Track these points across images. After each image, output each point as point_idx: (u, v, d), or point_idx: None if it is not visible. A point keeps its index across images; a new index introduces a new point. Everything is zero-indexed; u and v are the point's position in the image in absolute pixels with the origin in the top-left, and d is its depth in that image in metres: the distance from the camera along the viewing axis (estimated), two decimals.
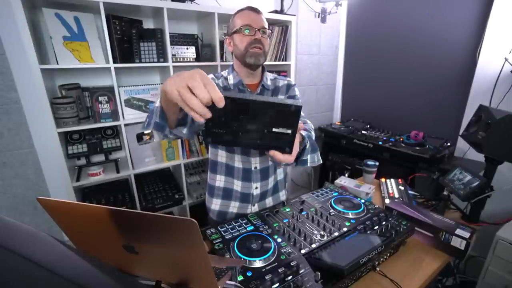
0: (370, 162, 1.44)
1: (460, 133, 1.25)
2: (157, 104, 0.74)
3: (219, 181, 1.10)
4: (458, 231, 0.90)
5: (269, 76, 1.12)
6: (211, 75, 1.06)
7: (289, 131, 0.59)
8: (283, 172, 1.19)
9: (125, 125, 1.57)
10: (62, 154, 1.41)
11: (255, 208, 1.13)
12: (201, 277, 0.52)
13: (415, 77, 2.13)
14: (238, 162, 1.06)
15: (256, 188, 1.09)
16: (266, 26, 0.98)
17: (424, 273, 0.84)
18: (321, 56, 2.57)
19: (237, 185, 1.08)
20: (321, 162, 0.93)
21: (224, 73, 1.09)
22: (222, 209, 1.12)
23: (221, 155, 1.07)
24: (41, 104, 1.30)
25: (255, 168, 1.07)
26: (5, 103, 1.43)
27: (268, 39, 1.00)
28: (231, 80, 1.05)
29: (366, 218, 0.95)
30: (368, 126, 2.39)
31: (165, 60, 1.58)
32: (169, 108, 0.71)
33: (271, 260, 0.75)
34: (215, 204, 1.13)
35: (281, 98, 1.10)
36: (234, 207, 1.11)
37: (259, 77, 1.09)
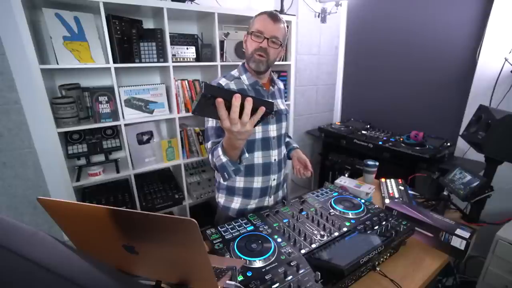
0: (370, 162, 1.44)
1: (460, 133, 1.25)
2: (224, 159, 0.85)
3: (239, 181, 1.12)
4: (458, 231, 0.90)
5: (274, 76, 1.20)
6: (222, 78, 1.08)
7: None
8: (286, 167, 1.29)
9: (125, 125, 1.57)
10: (62, 154, 1.41)
11: (271, 200, 1.19)
12: (201, 277, 0.52)
13: (415, 77, 2.13)
14: (258, 159, 1.10)
15: (274, 180, 1.16)
16: (279, 36, 1.00)
17: (424, 273, 0.84)
18: (321, 56, 2.56)
19: (257, 182, 1.12)
20: None
21: (235, 73, 1.10)
22: (242, 207, 1.15)
23: None
24: (41, 104, 1.30)
25: (275, 160, 1.14)
26: (5, 103, 1.43)
27: (279, 48, 1.02)
28: (245, 80, 1.08)
29: (366, 218, 0.95)
30: (368, 126, 2.39)
31: (165, 60, 1.58)
32: (234, 153, 0.83)
33: (271, 260, 0.75)
34: (236, 203, 1.15)
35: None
36: (253, 204, 1.16)
37: (268, 74, 1.14)
